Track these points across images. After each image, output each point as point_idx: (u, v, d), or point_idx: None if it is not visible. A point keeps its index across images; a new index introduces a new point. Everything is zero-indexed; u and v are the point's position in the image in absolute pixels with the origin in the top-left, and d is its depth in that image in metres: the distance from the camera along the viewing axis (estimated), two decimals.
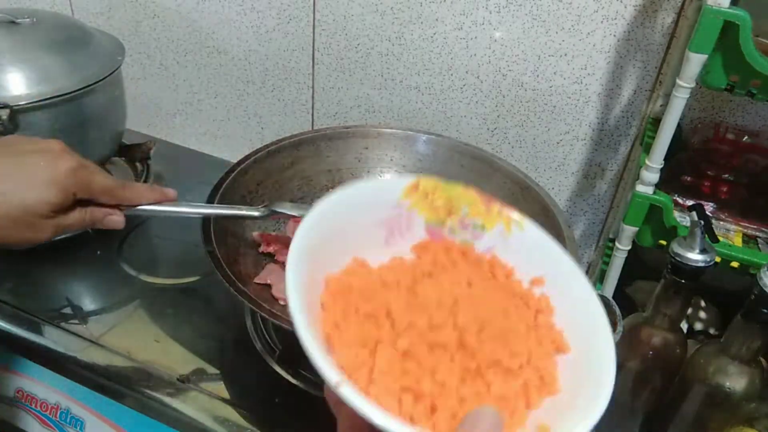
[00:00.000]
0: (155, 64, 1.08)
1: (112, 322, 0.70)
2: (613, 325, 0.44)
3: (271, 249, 0.70)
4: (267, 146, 0.77)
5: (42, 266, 0.77)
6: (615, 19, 0.75)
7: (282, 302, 0.63)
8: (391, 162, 0.83)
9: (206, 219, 0.64)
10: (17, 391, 0.70)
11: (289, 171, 0.78)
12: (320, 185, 0.81)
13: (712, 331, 0.78)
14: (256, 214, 0.64)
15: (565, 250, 0.41)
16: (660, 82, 0.77)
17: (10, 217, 0.49)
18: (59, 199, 0.50)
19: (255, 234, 0.72)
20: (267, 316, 0.54)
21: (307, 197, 0.80)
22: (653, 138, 0.63)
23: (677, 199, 0.71)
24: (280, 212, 0.66)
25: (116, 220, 0.56)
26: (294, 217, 0.67)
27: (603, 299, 0.45)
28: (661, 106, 0.75)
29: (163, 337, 0.69)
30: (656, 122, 0.72)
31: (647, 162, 0.64)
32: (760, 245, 0.67)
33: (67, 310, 0.72)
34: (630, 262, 0.71)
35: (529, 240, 0.41)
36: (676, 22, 0.73)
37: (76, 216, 0.53)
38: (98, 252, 0.80)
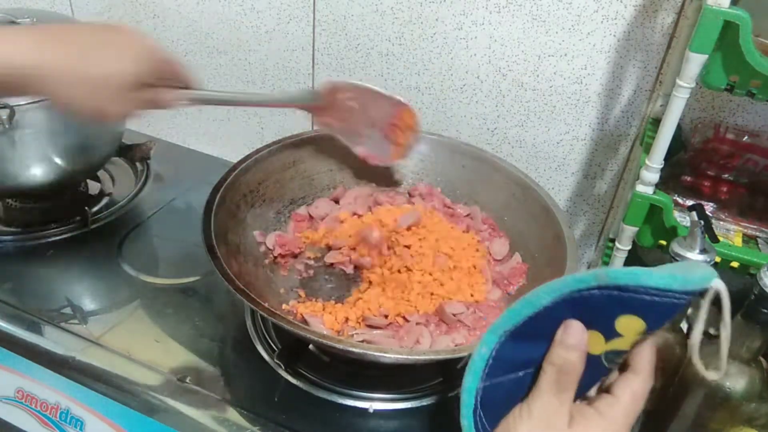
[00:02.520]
0: None
1: (112, 322, 0.70)
2: None
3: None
4: (268, 146, 0.77)
5: (42, 266, 0.77)
6: (615, 19, 0.75)
7: None
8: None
9: (206, 219, 0.64)
10: (17, 391, 0.70)
11: (291, 170, 0.79)
12: (321, 185, 0.81)
13: (712, 331, 0.78)
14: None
15: None
16: (660, 82, 0.77)
17: (98, 85, 0.52)
18: (144, 75, 0.54)
19: (256, 233, 0.72)
20: (267, 316, 0.54)
21: (308, 197, 0.80)
22: (653, 138, 0.63)
23: (677, 199, 0.71)
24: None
25: (180, 102, 0.61)
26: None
27: None
28: (661, 106, 0.75)
29: (163, 337, 0.69)
30: (656, 122, 0.72)
31: (647, 162, 0.64)
32: (760, 245, 0.67)
33: (67, 310, 0.72)
34: (630, 262, 0.71)
35: None
36: (676, 22, 0.73)
37: (150, 95, 0.56)
38: (98, 252, 0.80)
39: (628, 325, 0.38)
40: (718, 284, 0.35)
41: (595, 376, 0.40)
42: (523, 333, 0.39)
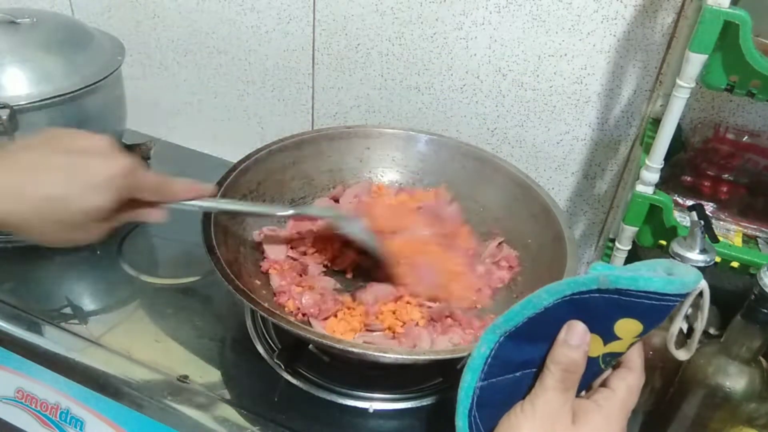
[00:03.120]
0: (155, 64, 1.08)
1: (112, 322, 0.70)
2: None
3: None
4: (268, 146, 0.77)
5: (42, 266, 0.77)
6: (615, 19, 0.75)
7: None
8: (393, 162, 0.83)
9: (206, 219, 0.64)
10: (17, 391, 0.70)
11: (291, 171, 0.78)
12: (321, 185, 0.81)
13: (712, 331, 0.78)
14: (288, 212, 0.70)
15: None
16: (660, 82, 0.77)
17: (62, 222, 0.48)
18: (113, 203, 0.49)
19: (255, 233, 0.72)
20: (267, 316, 0.54)
21: (308, 197, 0.80)
22: (653, 138, 0.63)
23: (677, 199, 0.71)
24: (307, 213, 0.72)
25: (159, 215, 0.57)
26: (321, 218, 0.72)
27: None
28: (661, 106, 0.75)
29: (163, 337, 0.69)
30: (656, 122, 0.72)
31: (647, 162, 0.64)
32: (760, 245, 0.67)
33: (67, 310, 0.72)
34: (630, 262, 0.71)
35: None
36: (676, 22, 0.73)
37: (124, 216, 0.53)
38: (98, 252, 0.80)
39: (627, 328, 0.38)
40: (704, 285, 0.38)
41: (591, 378, 0.41)
42: (523, 333, 0.39)
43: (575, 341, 0.38)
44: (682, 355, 0.43)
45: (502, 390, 0.40)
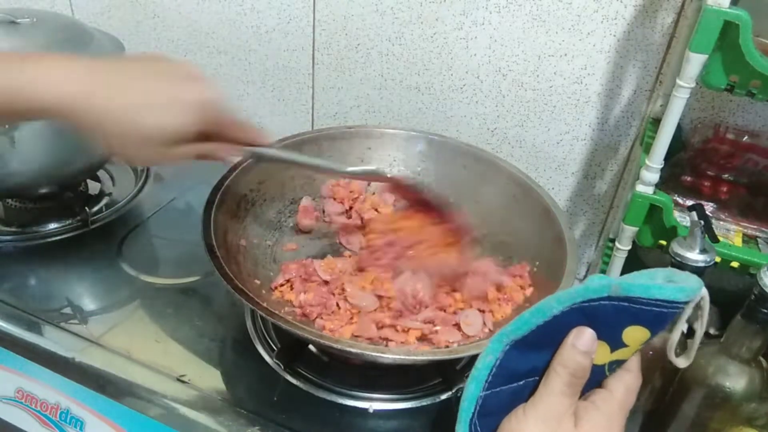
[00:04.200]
0: None
1: (112, 322, 0.70)
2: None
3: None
4: (269, 145, 0.77)
5: (42, 266, 0.77)
6: (615, 19, 0.75)
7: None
8: (394, 162, 0.83)
9: (206, 219, 0.64)
10: (17, 391, 0.70)
11: (292, 170, 0.79)
12: (323, 185, 0.81)
13: (712, 331, 0.78)
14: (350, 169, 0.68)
15: None
16: (660, 82, 0.77)
17: (145, 135, 0.49)
18: (196, 126, 0.51)
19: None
20: (266, 316, 0.54)
21: (309, 197, 0.80)
22: (653, 138, 0.63)
23: (677, 199, 0.71)
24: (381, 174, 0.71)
25: (235, 153, 0.59)
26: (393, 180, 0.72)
27: None
28: (661, 106, 0.75)
29: (163, 337, 0.69)
30: (656, 122, 0.72)
31: (647, 162, 0.64)
32: (760, 245, 0.67)
33: (67, 310, 0.72)
34: (630, 262, 0.71)
35: None
36: (676, 22, 0.73)
37: (201, 148, 0.54)
38: (98, 252, 0.80)
39: (635, 335, 0.39)
40: (704, 292, 0.38)
41: (594, 386, 0.41)
42: (530, 342, 0.39)
43: (584, 346, 0.38)
44: (681, 362, 0.43)
45: (505, 398, 0.40)
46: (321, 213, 0.79)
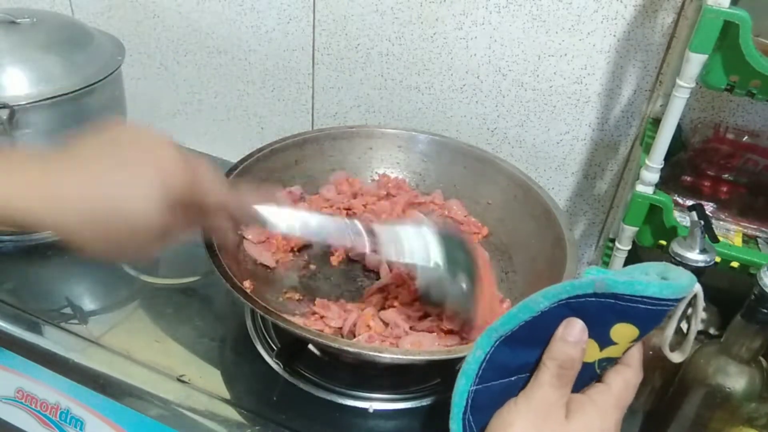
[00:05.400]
0: (155, 64, 1.08)
1: (112, 322, 0.70)
2: None
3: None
4: (270, 145, 0.77)
5: (42, 266, 0.77)
6: (615, 19, 0.75)
7: None
8: (395, 163, 0.83)
9: None
10: (17, 391, 0.70)
11: (293, 170, 0.79)
12: (323, 185, 0.81)
13: (712, 331, 0.78)
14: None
15: None
16: (660, 82, 0.77)
17: (115, 231, 0.43)
18: (166, 210, 0.44)
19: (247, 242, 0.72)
20: (266, 315, 0.54)
21: (310, 197, 0.80)
22: (653, 138, 0.63)
23: (677, 199, 0.71)
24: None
25: (232, 235, 0.54)
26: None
27: None
28: (661, 106, 0.75)
29: (163, 337, 0.69)
30: (656, 122, 0.72)
31: (647, 162, 0.64)
32: (760, 245, 0.67)
33: (67, 310, 0.72)
34: (630, 262, 0.71)
35: None
36: (676, 22, 0.73)
37: (190, 228, 0.49)
38: None
39: (623, 333, 0.38)
40: (698, 289, 0.38)
41: (587, 382, 0.41)
42: (519, 338, 0.39)
43: (573, 338, 0.38)
44: (676, 357, 0.43)
45: (498, 393, 0.40)
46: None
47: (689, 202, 0.70)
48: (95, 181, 0.43)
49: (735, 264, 0.63)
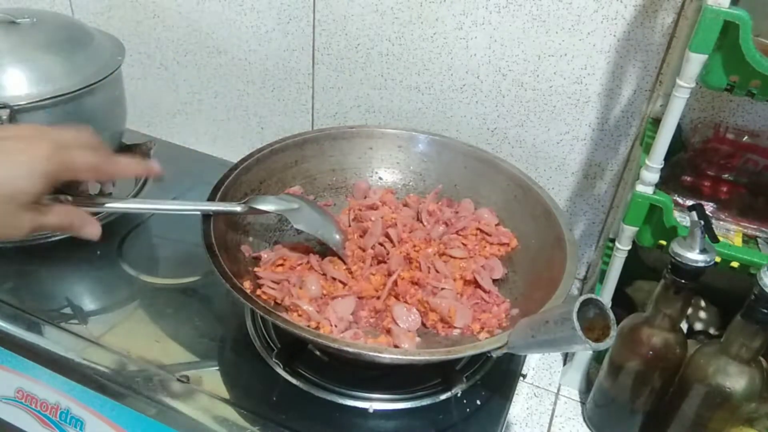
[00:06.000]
0: (155, 64, 1.08)
1: (112, 322, 0.70)
2: (606, 330, 0.44)
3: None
4: (270, 145, 0.77)
5: (42, 266, 0.77)
6: (615, 19, 0.75)
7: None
8: (395, 163, 0.83)
9: (206, 218, 0.64)
10: (17, 391, 0.70)
11: (293, 170, 0.78)
12: (324, 185, 0.81)
13: (712, 331, 0.78)
14: (237, 209, 0.65)
15: None
16: (660, 82, 0.77)
17: None
18: (40, 186, 0.48)
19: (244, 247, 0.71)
20: (266, 316, 0.54)
21: (310, 196, 0.80)
22: (653, 138, 0.63)
23: (677, 199, 0.71)
24: (259, 208, 0.66)
25: (93, 231, 0.54)
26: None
27: (596, 304, 0.45)
28: (661, 106, 0.75)
29: (163, 337, 0.69)
30: (656, 122, 0.72)
31: (647, 162, 0.64)
32: (760, 245, 0.67)
33: (67, 310, 0.72)
34: (630, 262, 0.71)
35: None
36: (676, 22, 0.73)
37: (55, 214, 0.51)
38: (98, 252, 0.80)
39: None
40: None
41: None
42: None
43: None
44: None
45: None
46: None
47: (689, 202, 0.70)
48: None
49: (735, 264, 0.63)
